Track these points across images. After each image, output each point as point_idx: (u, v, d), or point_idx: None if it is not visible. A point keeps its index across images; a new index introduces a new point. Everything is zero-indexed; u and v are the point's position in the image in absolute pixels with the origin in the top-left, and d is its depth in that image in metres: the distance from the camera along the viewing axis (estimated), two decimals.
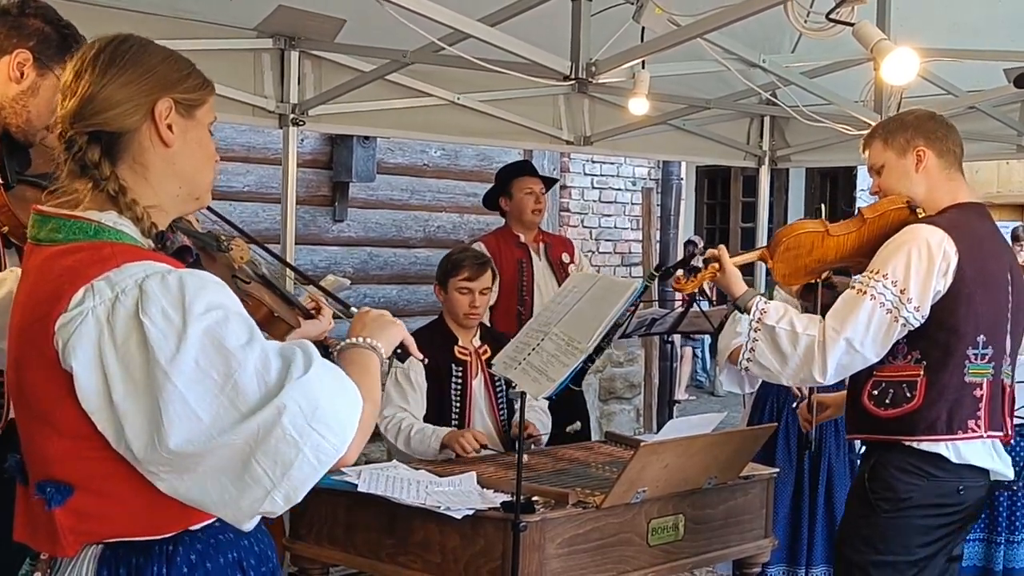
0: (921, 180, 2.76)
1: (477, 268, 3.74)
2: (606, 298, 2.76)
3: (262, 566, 1.61)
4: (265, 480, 1.41)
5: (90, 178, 1.52)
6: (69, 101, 1.54)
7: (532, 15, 3.44)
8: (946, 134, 2.79)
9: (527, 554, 2.66)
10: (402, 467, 3.15)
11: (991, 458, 2.71)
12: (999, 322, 2.70)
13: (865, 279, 2.66)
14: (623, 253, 8.41)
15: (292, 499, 1.43)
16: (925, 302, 2.61)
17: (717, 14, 3.02)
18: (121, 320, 1.41)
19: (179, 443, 1.38)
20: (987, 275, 2.67)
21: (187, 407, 1.38)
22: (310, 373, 1.43)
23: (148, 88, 1.55)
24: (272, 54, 4.24)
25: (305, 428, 1.41)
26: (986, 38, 4.26)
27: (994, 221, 2.88)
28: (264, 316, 2.28)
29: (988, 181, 11.01)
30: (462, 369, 3.71)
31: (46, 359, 1.44)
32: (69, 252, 1.48)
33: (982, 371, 2.67)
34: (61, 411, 1.44)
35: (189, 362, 1.39)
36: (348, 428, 1.46)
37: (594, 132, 5.43)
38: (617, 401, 8.20)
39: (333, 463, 1.45)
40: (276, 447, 1.40)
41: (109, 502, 1.47)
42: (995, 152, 5.63)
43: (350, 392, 1.49)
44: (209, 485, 1.42)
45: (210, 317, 1.41)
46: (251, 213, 5.93)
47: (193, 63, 1.63)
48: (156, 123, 1.55)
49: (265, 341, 1.46)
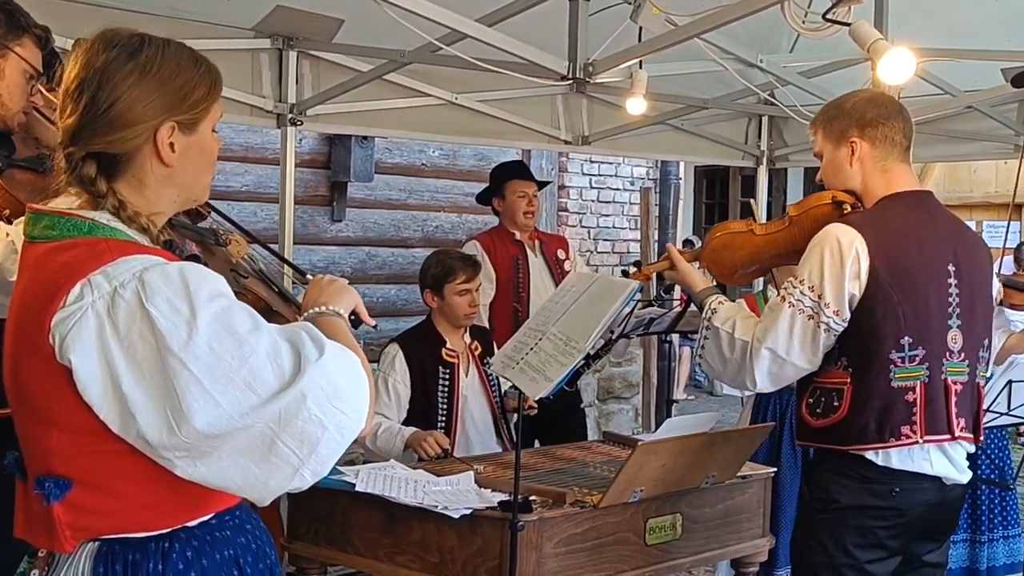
0: (856, 173, 2.61)
1: (471, 269, 3.82)
2: (604, 298, 2.76)
3: (259, 563, 1.62)
4: (293, 459, 1.45)
5: (87, 192, 1.53)
6: (69, 115, 1.54)
7: (530, 15, 3.44)
8: (884, 120, 2.59)
9: (525, 553, 2.66)
10: (400, 467, 3.15)
11: (931, 464, 2.51)
12: (931, 321, 2.50)
13: (787, 285, 2.55)
14: (621, 253, 8.42)
15: (320, 474, 1.49)
16: (843, 306, 2.47)
17: (714, 14, 3.02)
18: (123, 312, 1.42)
19: (200, 427, 1.41)
20: (909, 272, 2.48)
21: (204, 392, 1.41)
22: (326, 356, 1.48)
23: (152, 112, 1.54)
24: (270, 54, 4.25)
25: (328, 407, 1.46)
26: (984, 38, 4.26)
27: (936, 209, 2.64)
28: (261, 310, 2.27)
29: (986, 181, 11.02)
30: (449, 371, 3.74)
31: (42, 355, 1.44)
32: (64, 249, 1.49)
33: (912, 374, 2.48)
34: (59, 406, 1.45)
35: (203, 347, 1.41)
36: (364, 402, 1.52)
37: (592, 132, 5.43)
38: (615, 400, 8.20)
39: (355, 436, 1.52)
40: (303, 428, 1.45)
41: (107, 497, 1.48)
42: (993, 152, 5.64)
43: (359, 367, 1.54)
44: (229, 468, 1.45)
45: (216, 304, 1.44)
46: (249, 213, 5.93)
47: (202, 61, 1.61)
48: (157, 146, 1.55)
49: (269, 325, 1.50)
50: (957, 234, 2.64)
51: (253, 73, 4.21)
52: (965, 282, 2.56)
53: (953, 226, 2.66)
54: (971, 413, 2.58)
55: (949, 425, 2.50)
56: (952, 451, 2.54)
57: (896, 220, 2.56)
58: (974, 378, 2.58)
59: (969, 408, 2.58)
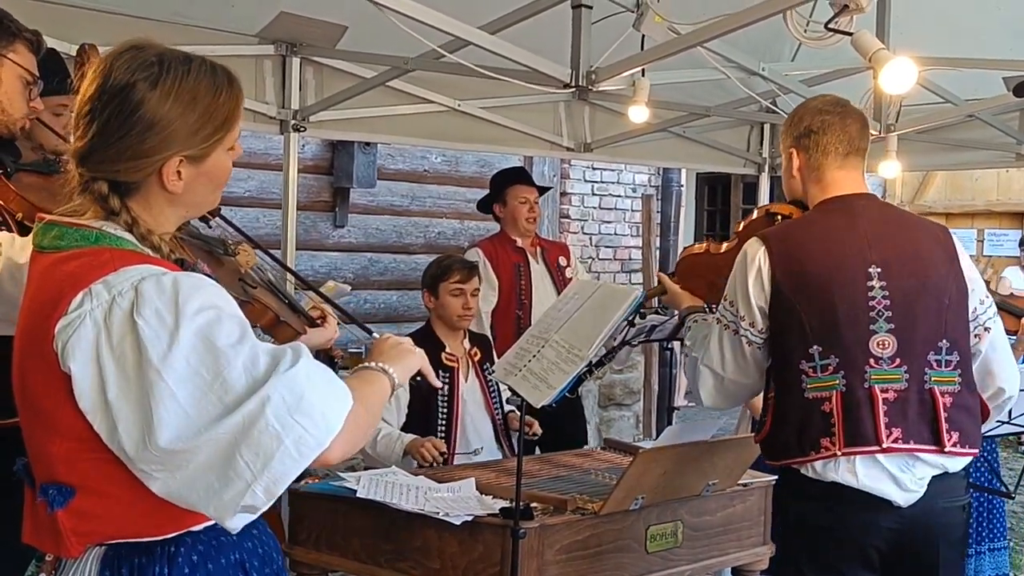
0: (798, 183, 2.62)
1: (467, 271, 3.86)
2: (607, 306, 2.77)
3: (265, 567, 1.62)
4: (247, 473, 1.40)
5: (101, 207, 1.54)
6: (79, 138, 1.54)
7: (533, 23, 3.45)
8: (820, 130, 2.54)
9: (526, 561, 2.66)
10: (401, 473, 3.15)
11: (856, 477, 2.37)
12: (842, 328, 2.39)
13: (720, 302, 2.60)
14: (623, 260, 8.42)
15: (272, 492, 1.43)
16: (755, 317, 2.46)
17: (717, 23, 3.03)
18: (117, 321, 1.43)
19: (169, 440, 1.39)
20: (813, 280, 2.40)
21: (177, 404, 1.40)
22: (297, 366, 1.44)
23: (162, 147, 1.52)
24: (273, 60, 4.25)
25: (288, 420, 1.40)
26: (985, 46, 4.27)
27: (865, 212, 2.52)
28: (269, 321, 2.29)
29: (988, 189, 11.01)
30: (449, 375, 3.75)
31: (47, 363, 1.46)
32: (71, 258, 1.50)
33: (825, 383, 2.38)
34: (61, 413, 1.46)
35: (180, 360, 1.40)
36: (332, 422, 1.45)
37: (594, 139, 5.44)
38: (616, 407, 8.20)
39: (314, 457, 1.44)
40: (259, 439, 1.40)
41: (110, 503, 1.48)
42: (994, 160, 5.65)
43: (339, 389, 1.49)
44: (197, 482, 1.42)
45: (202, 317, 1.43)
46: (252, 219, 5.94)
47: (221, 85, 1.58)
48: (163, 177, 1.55)
49: (257, 341, 1.47)
50: (892, 235, 2.50)
51: (256, 79, 4.21)
52: (897, 283, 2.42)
53: (886, 227, 2.51)
54: (923, 422, 2.40)
55: (876, 435, 2.36)
56: (888, 463, 2.38)
57: (807, 227, 2.52)
58: (922, 384, 2.40)
59: (915, 416, 2.39)
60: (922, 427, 2.40)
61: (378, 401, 1.63)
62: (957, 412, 2.43)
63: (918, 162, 5.68)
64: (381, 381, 1.65)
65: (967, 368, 2.48)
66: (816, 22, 3.20)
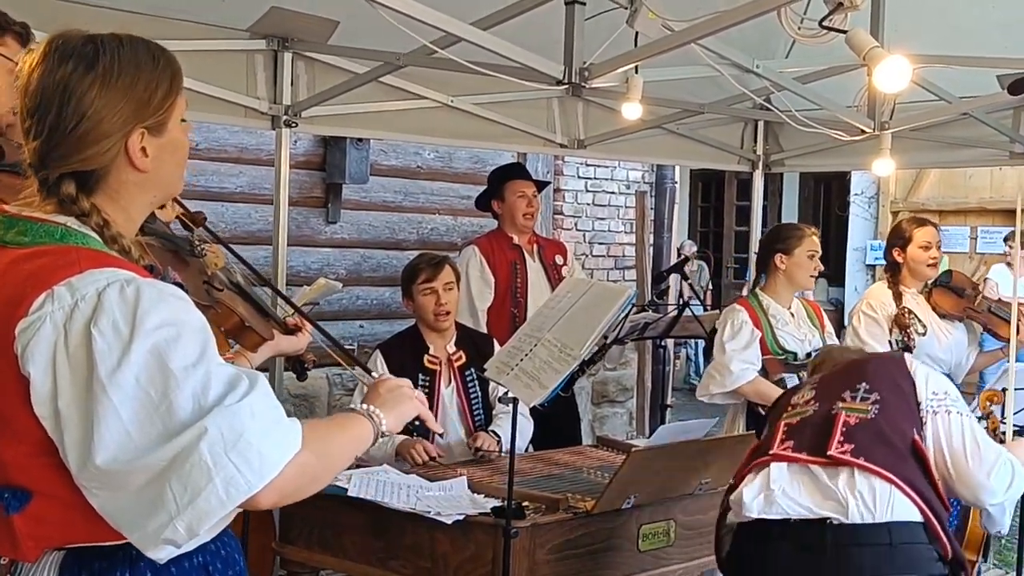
0: None
1: (433, 268, 3.81)
2: (599, 305, 2.76)
3: (228, 570, 1.59)
4: (172, 506, 1.35)
5: (69, 212, 1.49)
6: (34, 137, 1.49)
7: (526, 19, 3.43)
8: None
9: (518, 559, 2.65)
10: (392, 472, 3.14)
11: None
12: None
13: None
14: (616, 256, 8.41)
15: (194, 530, 1.36)
16: None
17: (711, 20, 3.02)
18: (76, 328, 1.38)
19: (105, 460, 1.35)
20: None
21: (120, 424, 1.35)
22: (243, 402, 1.38)
23: (121, 122, 1.49)
24: (265, 55, 4.23)
25: (222, 457, 1.35)
26: (980, 44, 4.26)
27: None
28: (234, 325, 2.20)
29: (981, 187, 11.03)
30: (429, 378, 3.71)
31: (7, 363, 1.41)
32: (35, 256, 1.45)
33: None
34: (19, 416, 1.41)
35: (129, 378, 1.36)
36: (269, 467, 1.39)
37: (588, 135, 5.42)
38: (609, 404, 8.19)
39: (242, 500, 1.38)
40: (189, 472, 1.34)
41: (67, 508, 1.44)
42: (988, 159, 5.64)
43: (285, 433, 1.43)
44: (128, 507, 1.38)
45: (160, 334, 1.38)
46: (243, 214, 5.92)
47: (159, 56, 1.54)
48: (130, 154, 1.51)
49: (217, 365, 1.42)
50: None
51: (248, 74, 4.19)
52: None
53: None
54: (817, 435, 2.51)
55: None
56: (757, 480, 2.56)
57: None
58: (829, 411, 2.55)
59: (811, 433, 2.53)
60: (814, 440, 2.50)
61: (344, 450, 1.58)
62: (863, 432, 2.43)
63: (912, 160, 5.68)
64: (361, 427, 1.61)
65: (888, 407, 2.48)
66: (810, 19, 3.19)
